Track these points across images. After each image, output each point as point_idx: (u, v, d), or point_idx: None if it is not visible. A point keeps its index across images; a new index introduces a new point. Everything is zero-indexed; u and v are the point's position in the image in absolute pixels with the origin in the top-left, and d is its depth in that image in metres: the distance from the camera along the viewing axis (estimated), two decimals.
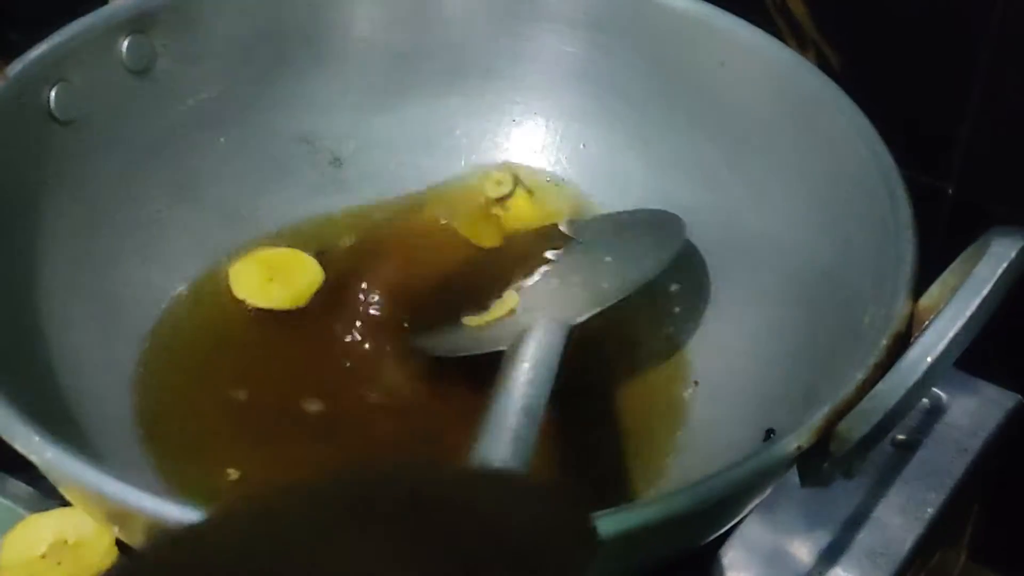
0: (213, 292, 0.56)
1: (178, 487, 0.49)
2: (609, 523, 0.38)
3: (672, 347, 0.55)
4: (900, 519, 0.51)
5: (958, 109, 0.56)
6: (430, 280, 0.57)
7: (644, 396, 0.54)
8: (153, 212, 0.56)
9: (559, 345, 0.49)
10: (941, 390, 0.55)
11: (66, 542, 0.46)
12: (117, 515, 0.41)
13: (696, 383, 0.54)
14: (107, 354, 0.52)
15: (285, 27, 0.59)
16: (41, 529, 0.46)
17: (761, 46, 0.55)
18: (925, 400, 0.54)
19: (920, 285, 0.45)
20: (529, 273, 0.55)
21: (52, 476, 0.42)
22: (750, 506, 0.44)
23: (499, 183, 0.60)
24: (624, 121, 0.59)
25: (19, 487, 0.50)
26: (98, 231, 0.54)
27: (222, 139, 0.58)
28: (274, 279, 0.57)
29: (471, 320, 0.54)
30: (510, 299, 0.54)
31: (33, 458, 0.40)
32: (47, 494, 0.48)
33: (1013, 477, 0.58)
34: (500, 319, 0.53)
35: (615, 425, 0.53)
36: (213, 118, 0.58)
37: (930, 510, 0.51)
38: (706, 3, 0.56)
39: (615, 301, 0.52)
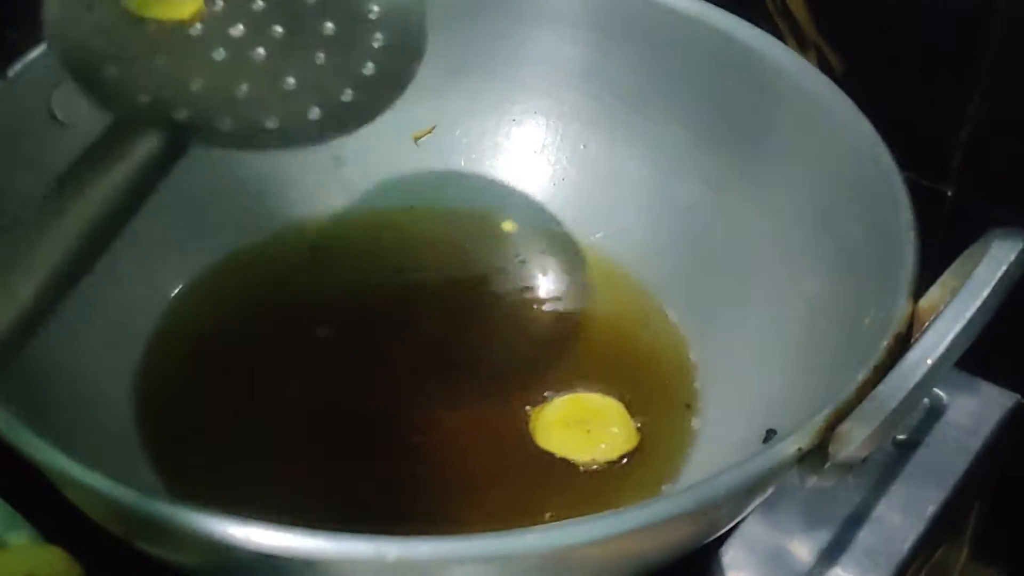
0: (213, 292, 0.57)
1: (179, 488, 0.49)
2: (611, 524, 0.38)
3: (673, 349, 0.55)
4: (900, 518, 0.51)
5: (958, 111, 0.56)
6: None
7: (645, 398, 0.54)
8: (153, 212, 0.56)
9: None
10: (941, 390, 0.55)
11: None
12: (117, 518, 0.41)
13: (697, 385, 0.54)
14: (107, 355, 0.52)
15: None
16: (16, 563, 0.46)
17: (762, 47, 0.55)
18: (925, 400, 0.54)
19: (920, 286, 0.45)
20: None
21: (53, 479, 0.42)
22: (751, 507, 0.44)
23: None
24: (624, 121, 0.59)
25: None
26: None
27: None
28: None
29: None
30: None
31: (35, 460, 0.40)
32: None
33: (1013, 476, 0.58)
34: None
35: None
36: None
37: (931, 509, 0.51)
38: (707, 3, 0.56)
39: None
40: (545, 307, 0.58)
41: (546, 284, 0.59)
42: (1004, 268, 0.42)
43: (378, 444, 0.52)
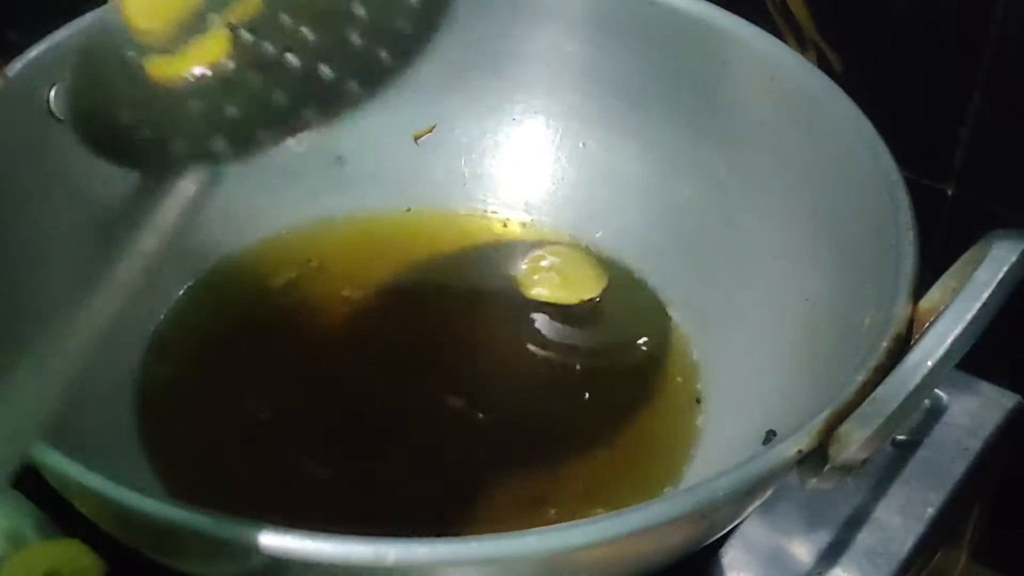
0: (214, 293, 0.57)
1: (178, 489, 0.49)
2: (609, 527, 0.38)
3: (674, 350, 0.55)
4: (900, 519, 0.51)
5: (959, 111, 0.56)
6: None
7: (647, 398, 0.54)
8: None
9: None
10: (941, 390, 0.55)
11: (60, 574, 0.46)
12: (116, 518, 0.41)
13: (699, 385, 0.54)
14: (108, 355, 0.52)
15: None
16: (39, 558, 0.46)
17: (762, 46, 0.55)
18: (925, 400, 0.54)
19: (920, 287, 0.45)
20: None
21: (52, 480, 0.42)
22: (750, 509, 0.44)
23: None
24: (624, 120, 0.59)
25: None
26: (98, 231, 0.54)
27: None
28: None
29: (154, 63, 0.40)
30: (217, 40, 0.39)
31: (34, 461, 0.40)
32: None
33: (1014, 477, 0.58)
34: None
35: (623, 426, 0.53)
36: None
37: (930, 510, 0.51)
38: (707, 3, 0.56)
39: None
40: (545, 307, 0.58)
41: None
42: (1005, 269, 0.42)
43: (378, 444, 0.52)
